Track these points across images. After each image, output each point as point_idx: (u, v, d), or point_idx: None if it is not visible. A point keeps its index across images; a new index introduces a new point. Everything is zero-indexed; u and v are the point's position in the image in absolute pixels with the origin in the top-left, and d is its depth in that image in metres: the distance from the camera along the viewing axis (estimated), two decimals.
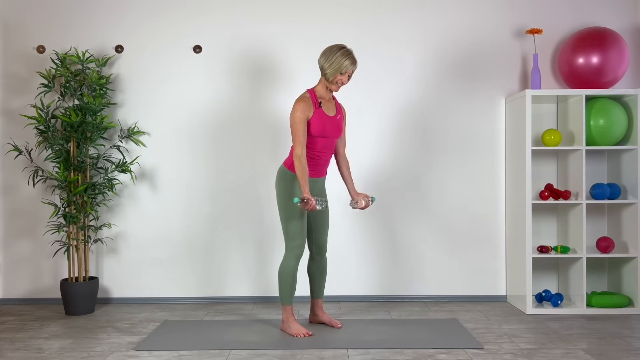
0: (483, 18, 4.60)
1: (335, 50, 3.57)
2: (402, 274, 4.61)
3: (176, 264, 4.62)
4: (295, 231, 3.63)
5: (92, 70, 4.33)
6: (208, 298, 4.62)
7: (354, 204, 3.72)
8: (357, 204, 3.70)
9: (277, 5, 4.60)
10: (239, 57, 4.60)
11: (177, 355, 3.30)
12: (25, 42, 4.61)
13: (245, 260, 4.61)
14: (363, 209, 3.72)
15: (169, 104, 4.61)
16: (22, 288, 4.62)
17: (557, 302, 4.23)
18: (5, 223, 4.61)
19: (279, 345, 3.45)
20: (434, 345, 3.43)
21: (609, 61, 4.23)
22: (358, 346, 3.42)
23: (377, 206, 4.60)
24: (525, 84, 4.61)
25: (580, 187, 4.21)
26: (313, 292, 3.91)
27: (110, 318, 4.16)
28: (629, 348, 3.39)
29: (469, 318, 4.09)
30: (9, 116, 4.60)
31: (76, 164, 4.30)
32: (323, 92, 3.68)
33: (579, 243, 4.22)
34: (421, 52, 4.60)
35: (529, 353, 3.30)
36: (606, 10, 4.59)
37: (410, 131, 4.60)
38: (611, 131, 4.19)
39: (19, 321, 4.10)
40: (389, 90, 4.60)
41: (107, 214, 4.62)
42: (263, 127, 4.60)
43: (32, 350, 3.43)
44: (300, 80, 4.59)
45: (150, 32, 4.60)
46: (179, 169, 4.61)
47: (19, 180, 4.60)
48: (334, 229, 4.61)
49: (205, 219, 4.61)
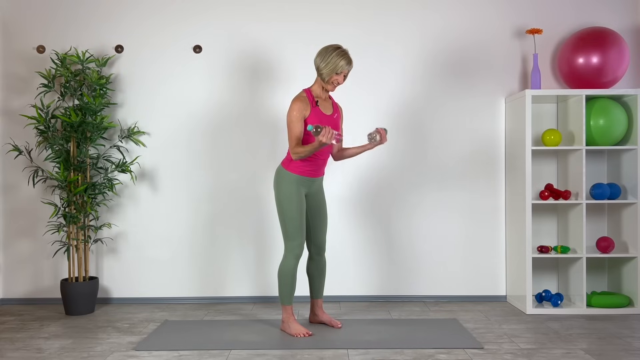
0: (483, 18, 4.60)
1: (331, 50, 3.57)
2: (402, 273, 4.61)
3: (176, 264, 4.62)
4: (294, 231, 3.63)
5: (92, 70, 4.33)
6: (208, 298, 4.62)
7: (373, 137, 3.61)
8: (375, 137, 3.60)
9: (277, 5, 4.60)
10: (239, 57, 4.60)
11: (177, 355, 3.30)
12: (25, 42, 4.61)
13: (245, 260, 4.61)
14: (380, 141, 3.63)
15: (169, 104, 4.61)
16: (22, 288, 4.62)
17: (557, 302, 4.23)
18: (5, 223, 4.61)
19: (279, 345, 3.45)
20: (434, 345, 3.43)
21: (609, 61, 4.23)
22: (358, 346, 3.42)
23: (377, 206, 4.60)
24: (525, 84, 4.60)
25: (580, 187, 4.21)
26: (313, 292, 3.91)
27: (110, 318, 4.16)
28: (629, 348, 3.39)
29: (469, 318, 4.09)
30: (9, 116, 4.60)
31: (76, 164, 4.30)
32: (319, 91, 3.68)
33: (579, 243, 4.22)
34: (421, 52, 4.60)
35: (529, 353, 3.30)
36: (606, 10, 4.59)
37: (409, 131, 4.60)
38: (611, 131, 4.19)
39: (19, 321, 4.10)
40: (388, 90, 4.60)
41: (107, 214, 4.62)
42: (263, 127, 4.60)
43: (32, 350, 3.43)
44: (300, 80, 4.59)
45: (150, 32, 4.60)
46: (179, 168, 4.61)
47: (19, 180, 4.60)
48: (334, 229, 4.61)
49: (205, 219, 4.61)
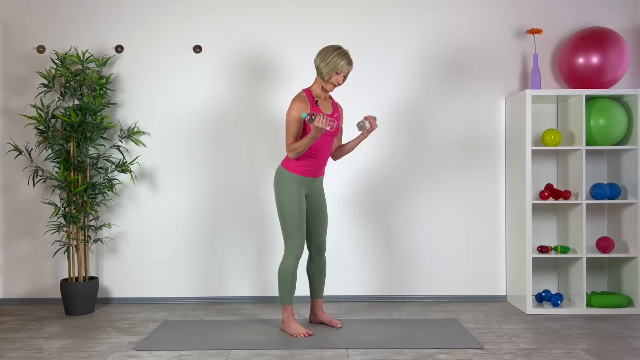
0: (483, 18, 4.60)
1: (331, 50, 3.57)
2: (402, 273, 4.61)
3: (176, 264, 4.62)
4: (294, 231, 3.63)
5: (92, 70, 4.33)
6: (208, 298, 4.62)
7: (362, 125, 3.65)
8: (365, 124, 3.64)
9: (277, 5, 4.60)
10: (239, 57, 4.60)
11: (177, 355, 3.30)
12: (25, 42, 4.60)
13: (245, 260, 4.61)
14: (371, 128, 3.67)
15: (169, 104, 4.61)
16: (22, 288, 4.62)
17: (557, 302, 4.23)
18: (5, 223, 4.61)
19: (279, 345, 3.45)
20: (434, 345, 3.43)
21: (609, 61, 4.23)
22: (358, 346, 3.42)
23: (377, 206, 4.60)
24: (525, 84, 4.60)
25: (580, 187, 4.21)
26: (313, 292, 3.91)
27: (110, 318, 4.16)
28: (629, 348, 3.39)
29: (469, 318, 4.09)
30: (9, 116, 4.60)
31: (76, 164, 4.30)
32: (319, 91, 3.69)
33: (579, 243, 4.22)
34: (421, 52, 4.60)
35: (529, 353, 3.30)
36: (606, 10, 4.59)
37: (409, 130, 4.60)
38: (611, 131, 4.19)
39: (19, 321, 4.10)
40: (388, 90, 4.60)
41: (107, 214, 4.62)
42: (263, 127, 4.60)
43: (32, 350, 3.43)
44: (300, 80, 4.59)
45: (150, 32, 4.60)
46: (179, 168, 4.61)
47: (19, 180, 4.60)
48: (334, 229, 4.61)
49: (205, 219, 4.61)
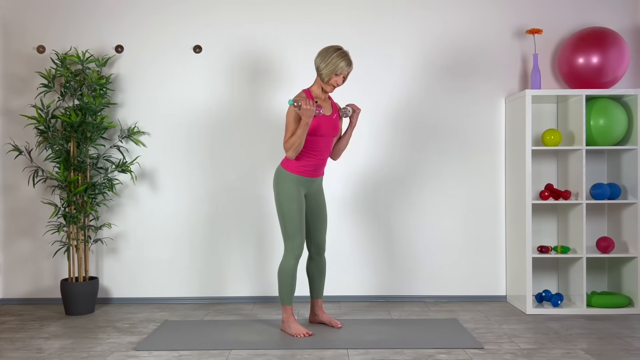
0: (483, 18, 4.60)
1: (331, 51, 3.58)
2: (402, 273, 4.61)
3: (176, 264, 4.62)
4: (293, 231, 3.63)
5: (92, 70, 4.33)
6: (208, 298, 4.62)
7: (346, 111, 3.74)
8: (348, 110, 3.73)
9: (277, 6, 4.60)
10: (239, 57, 4.60)
11: (177, 355, 3.30)
12: (25, 42, 4.60)
13: (245, 260, 4.61)
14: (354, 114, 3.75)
15: (169, 104, 4.60)
16: (22, 288, 4.62)
17: (557, 302, 4.23)
18: (5, 223, 4.61)
19: (279, 345, 3.45)
20: (434, 345, 3.43)
21: (609, 61, 4.23)
22: (358, 346, 3.42)
23: (376, 206, 4.60)
24: (525, 84, 4.60)
25: (580, 187, 4.21)
26: (312, 292, 3.91)
27: (110, 318, 4.16)
28: (629, 348, 3.39)
29: (469, 318, 4.09)
30: (9, 116, 4.60)
31: (76, 164, 4.30)
32: (318, 92, 3.69)
33: (579, 243, 4.22)
34: (421, 52, 4.60)
35: (529, 353, 3.30)
36: (606, 10, 4.59)
37: (409, 130, 4.60)
38: (611, 131, 4.19)
39: (19, 321, 4.10)
40: (388, 90, 4.60)
41: (107, 214, 4.62)
42: (263, 127, 4.60)
43: (32, 350, 3.43)
44: (300, 80, 4.59)
45: (150, 32, 4.60)
46: (179, 168, 4.61)
47: (19, 180, 4.60)
48: (333, 229, 4.61)
49: (205, 219, 4.61)
